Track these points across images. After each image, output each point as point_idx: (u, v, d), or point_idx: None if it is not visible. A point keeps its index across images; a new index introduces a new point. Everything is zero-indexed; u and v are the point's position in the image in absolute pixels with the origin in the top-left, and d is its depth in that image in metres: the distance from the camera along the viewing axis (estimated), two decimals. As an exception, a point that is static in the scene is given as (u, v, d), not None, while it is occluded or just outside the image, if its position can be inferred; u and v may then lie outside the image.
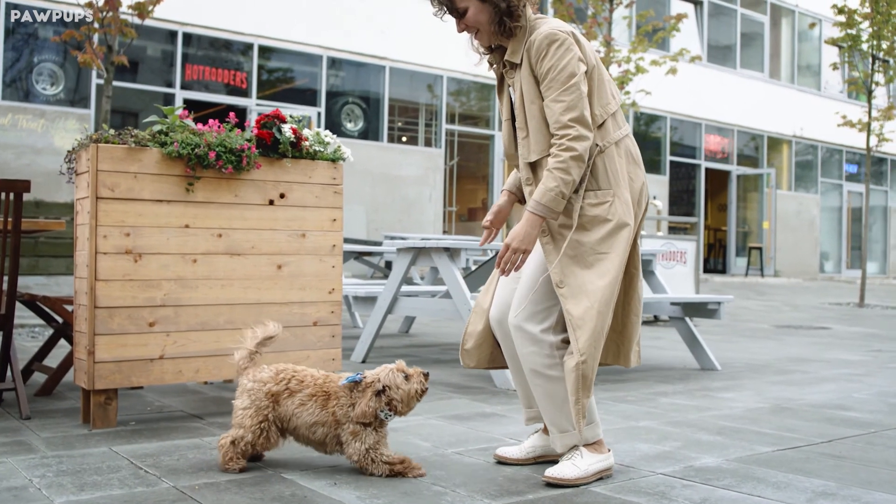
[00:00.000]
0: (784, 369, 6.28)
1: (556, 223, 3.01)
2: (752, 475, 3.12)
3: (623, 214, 3.00)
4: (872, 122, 16.76)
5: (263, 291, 4.10)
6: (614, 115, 3.08)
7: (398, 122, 17.30)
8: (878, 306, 15.82)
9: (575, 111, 2.91)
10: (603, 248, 2.97)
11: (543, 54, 2.95)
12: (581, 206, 2.98)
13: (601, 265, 2.96)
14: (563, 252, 2.97)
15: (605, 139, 3.03)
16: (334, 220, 4.33)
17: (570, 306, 2.92)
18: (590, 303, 2.92)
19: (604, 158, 3.02)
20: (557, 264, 2.97)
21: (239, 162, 3.96)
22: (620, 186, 3.03)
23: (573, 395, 2.91)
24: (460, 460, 3.29)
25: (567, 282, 2.95)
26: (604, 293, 2.94)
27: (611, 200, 3.00)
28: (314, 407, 3.04)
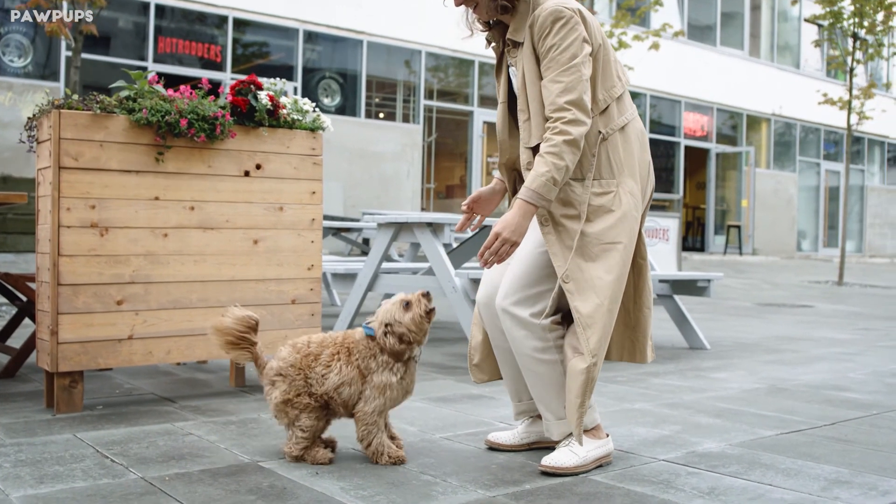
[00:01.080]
0: (774, 348, 6.14)
1: (558, 213, 2.79)
2: (759, 461, 2.95)
3: (628, 204, 2.81)
4: (853, 99, 16.67)
5: (239, 268, 3.88)
6: (620, 98, 2.87)
7: (376, 97, 17.02)
8: (857, 284, 15.81)
9: (572, 93, 2.70)
10: (608, 239, 2.77)
11: (546, 32, 2.74)
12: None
13: (607, 258, 2.76)
14: (565, 244, 2.77)
15: (608, 125, 2.82)
16: (313, 193, 4.11)
17: (578, 303, 2.72)
18: (599, 300, 2.73)
19: (607, 146, 2.82)
20: (561, 257, 2.76)
21: (212, 130, 3.72)
22: (624, 174, 2.83)
23: (578, 397, 2.72)
24: (450, 446, 3.10)
25: (573, 276, 2.74)
26: (612, 289, 2.75)
27: (614, 191, 2.80)
28: (338, 365, 2.84)
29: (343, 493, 2.51)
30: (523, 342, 2.80)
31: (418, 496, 2.50)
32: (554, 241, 2.79)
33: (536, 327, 2.78)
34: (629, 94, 2.94)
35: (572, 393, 2.71)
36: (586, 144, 2.80)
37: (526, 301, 2.80)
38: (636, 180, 2.87)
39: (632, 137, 2.87)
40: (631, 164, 2.85)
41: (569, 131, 2.68)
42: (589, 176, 2.80)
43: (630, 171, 2.84)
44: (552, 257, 2.78)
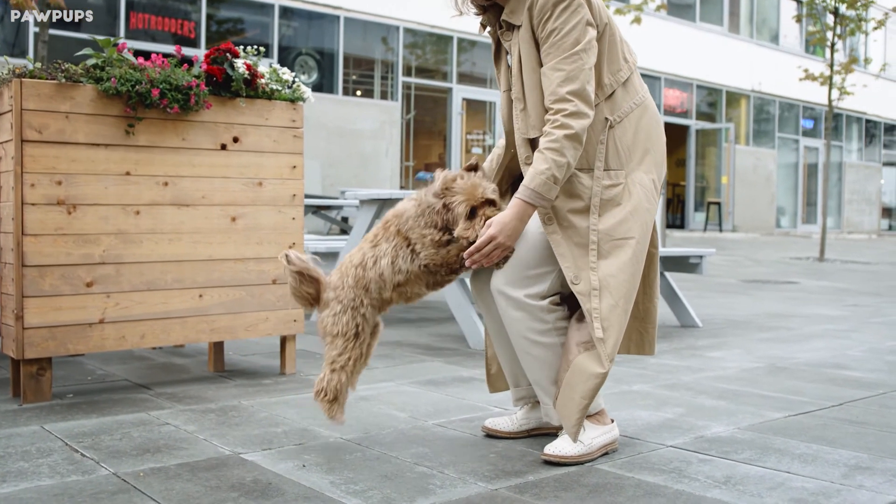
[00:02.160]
0: (766, 325, 6.00)
1: (565, 208, 2.58)
2: (772, 446, 2.79)
3: (638, 196, 2.61)
4: (834, 75, 16.56)
5: (216, 246, 3.67)
6: (627, 82, 2.66)
7: (353, 74, 16.73)
8: (838, 261, 15.76)
9: (574, 83, 2.49)
10: (619, 234, 2.58)
11: (547, 15, 2.51)
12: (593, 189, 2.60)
13: (619, 255, 2.57)
14: (573, 241, 2.57)
15: (615, 112, 2.62)
16: (294, 168, 3.90)
17: (595, 304, 2.54)
18: (614, 300, 2.55)
19: (615, 134, 2.61)
20: (570, 257, 2.57)
21: (186, 101, 3.50)
22: (633, 164, 2.63)
23: (585, 399, 2.54)
24: (444, 434, 2.91)
25: (582, 276, 2.56)
26: (626, 288, 2.57)
27: (623, 182, 2.60)
28: (387, 246, 2.67)
29: (333, 489, 2.32)
30: (520, 324, 2.62)
31: (415, 490, 2.32)
32: (560, 240, 2.58)
33: (534, 308, 2.60)
34: (639, 76, 2.74)
35: (578, 393, 2.53)
36: (592, 132, 2.60)
37: (523, 282, 2.61)
38: (648, 169, 2.66)
39: (642, 123, 2.67)
40: (642, 151, 2.65)
41: (570, 125, 2.48)
42: (599, 166, 2.59)
43: (640, 159, 2.65)
44: (559, 258, 2.57)
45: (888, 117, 29.69)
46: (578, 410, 2.54)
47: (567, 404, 2.56)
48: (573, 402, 2.54)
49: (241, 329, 3.75)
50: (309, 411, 3.19)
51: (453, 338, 5.14)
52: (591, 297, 2.53)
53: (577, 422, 2.55)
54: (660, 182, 2.72)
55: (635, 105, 2.66)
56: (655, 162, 2.69)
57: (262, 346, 4.68)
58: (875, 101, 27.16)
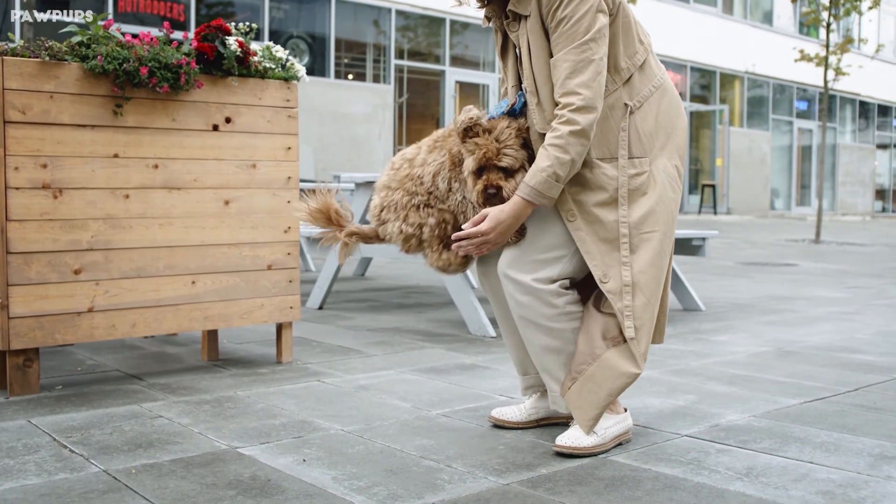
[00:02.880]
0: (770, 308, 5.90)
1: (590, 202, 2.45)
2: (791, 434, 2.68)
3: (663, 185, 2.49)
4: (830, 55, 16.43)
5: (209, 231, 3.54)
6: (644, 64, 2.52)
7: (345, 58, 16.55)
8: (834, 242, 15.69)
9: (584, 74, 2.35)
10: (646, 227, 2.46)
11: (557, 3, 2.37)
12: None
13: (647, 249, 2.46)
14: (600, 236, 2.45)
15: (634, 97, 2.49)
16: (289, 149, 3.76)
17: (627, 301, 2.43)
18: (645, 298, 2.45)
19: (636, 120, 2.48)
20: (598, 255, 2.44)
21: (176, 80, 3.36)
22: (655, 150, 2.50)
23: (611, 396, 2.45)
24: (449, 424, 2.80)
25: (612, 273, 2.44)
26: (657, 285, 2.47)
27: (647, 170, 2.48)
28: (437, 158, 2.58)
29: (336, 485, 2.21)
30: (528, 309, 2.50)
31: (422, 486, 2.20)
32: (585, 237, 2.45)
33: (543, 293, 2.47)
34: (655, 57, 2.60)
35: (604, 390, 2.43)
36: (612, 120, 2.47)
37: (531, 266, 2.49)
38: (671, 155, 2.54)
39: (662, 106, 2.54)
40: (664, 136, 2.53)
41: (576, 120, 2.35)
42: (622, 154, 2.46)
43: (662, 144, 2.52)
44: (585, 256, 2.45)
45: (882, 98, 29.60)
46: (599, 406, 2.43)
47: (587, 397, 2.44)
48: (595, 397, 2.43)
49: (235, 317, 3.62)
50: (308, 402, 3.07)
51: (453, 323, 5.02)
52: (622, 294, 2.42)
53: (595, 417, 2.45)
54: (683, 167, 2.60)
55: (654, 88, 2.53)
56: (677, 146, 2.57)
57: (258, 333, 4.55)
58: (869, 83, 27.05)
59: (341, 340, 4.41)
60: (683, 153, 2.60)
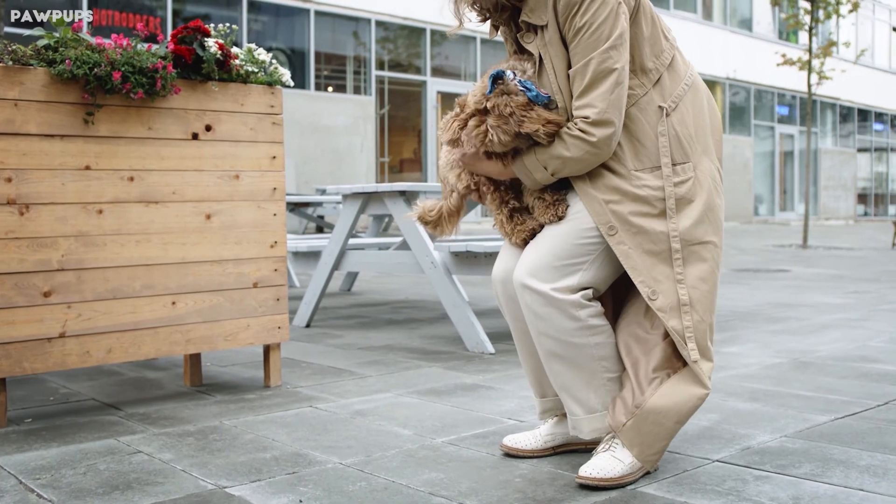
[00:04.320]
0: (774, 316, 5.70)
1: (631, 213, 2.23)
2: (831, 457, 2.46)
3: (710, 190, 2.29)
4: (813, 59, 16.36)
5: (189, 247, 3.29)
6: (672, 62, 2.31)
7: (325, 70, 16.32)
8: (821, 247, 15.58)
9: (602, 85, 2.16)
10: (696, 237, 2.25)
11: (575, 9, 2.15)
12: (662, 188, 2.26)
13: (698, 262, 2.26)
14: (645, 248, 2.24)
15: (668, 98, 2.27)
16: (274, 158, 3.52)
17: (687, 321, 2.23)
18: (699, 316, 2.25)
19: (673, 123, 2.26)
20: (644, 270, 2.23)
21: (152, 85, 3.12)
22: (697, 153, 2.29)
23: (679, 424, 2.28)
24: (457, 454, 2.55)
25: (661, 290, 2.23)
26: (710, 301, 2.28)
27: (692, 176, 2.27)
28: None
29: (338, 529, 1.96)
30: (546, 323, 2.27)
31: (435, 529, 1.96)
32: (630, 251, 2.23)
33: (563, 304, 2.25)
34: (681, 53, 2.39)
35: (671, 420, 2.24)
36: (649, 126, 2.25)
37: (551, 273, 2.26)
38: (712, 157, 2.34)
39: (697, 104, 2.33)
40: (703, 136, 2.32)
41: (590, 132, 2.17)
42: (665, 163, 2.24)
43: (703, 146, 2.32)
44: (631, 272, 2.24)
45: (862, 103, 29.66)
46: (666, 437, 2.24)
47: (650, 430, 2.23)
48: (660, 429, 2.22)
49: (219, 339, 3.37)
50: (301, 431, 2.83)
51: (448, 340, 4.78)
52: (680, 314, 2.21)
53: (661, 450, 2.26)
54: (721, 169, 2.38)
55: (686, 87, 2.32)
56: (717, 146, 2.37)
57: (243, 354, 4.30)
58: (848, 87, 27.09)
59: (332, 361, 4.16)
60: (721, 153, 2.39)
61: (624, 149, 2.25)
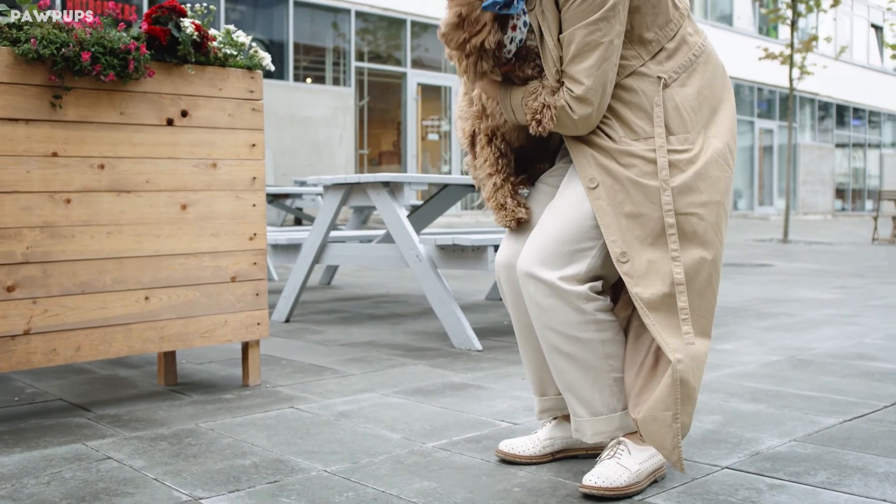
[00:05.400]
0: (764, 312, 5.58)
1: (611, 165, 2.09)
2: (846, 463, 2.33)
3: (707, 161, 2.12)
4: (795, 53, 16.32)
5: (164, 240, 3.11)
6: (679, 33, 2.15)
7: (304, 61, 16.09)
8: (802, 242, 15.57)
9: (588, 59, 2.02)
10: (681, 208, 2.08)
11: None
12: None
13: (696, 229, 2.09)
14: (624, 210, 2.09)
15: (669, 69, 2.12)
16: (253, 146, 3.35)
17: (683, 303, 2.07)
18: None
19: (673, 94, 2.11)
20: (617, 228, 2.08)
21: (124, 67, 2.93)
22: (698, 125, 2.13)
23: (668, 409, 2.07)
24: (450, 461, 2.40)
25: (633, 254, 2.08)
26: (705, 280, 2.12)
27: (689, 149, 2.10)
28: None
29: (325, 547, 1.80)
30: (552, 316, 2.11)
31: (431, 546, 1.81)
32: (607, 207, 2.09)
33: (570, 295, 2.09)
34: (693, 22, 2.23)
35: (660, 406, 2.06)
36: (644, 97, 2.10)
37: (557, 260, 2.11)
38: (718, 132, 2.16)
39: (706, 77, 2.16)
40: (709, 111, 2.16)
41: (573, 108, 2.06)
42: (659, 133, 2.08)
43: (707, 120, 2.15)
44: (604, 230, 2.09)
45: (840, 98, 29.75)
46: (670, 426, 2.07)
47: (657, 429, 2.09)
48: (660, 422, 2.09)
49: (195, 336, 3.20)
50: (282, 434, 2.66)
51: (433, 336, 4.62)
52: (676, 294, 2.06)
53: (673, 448, 2.09)
54: (734, 145, 2.23)
55: (694, 57, 2.16)
56: (726, 122, 2.19)
57: (221, 351, 4.12)
58: (827, 83, 27.14)
59: (313, 358, 3.99)
60: (733, 129, 2.22)
61: (617, 118, 2.11)
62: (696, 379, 2.09)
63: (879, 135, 32.75)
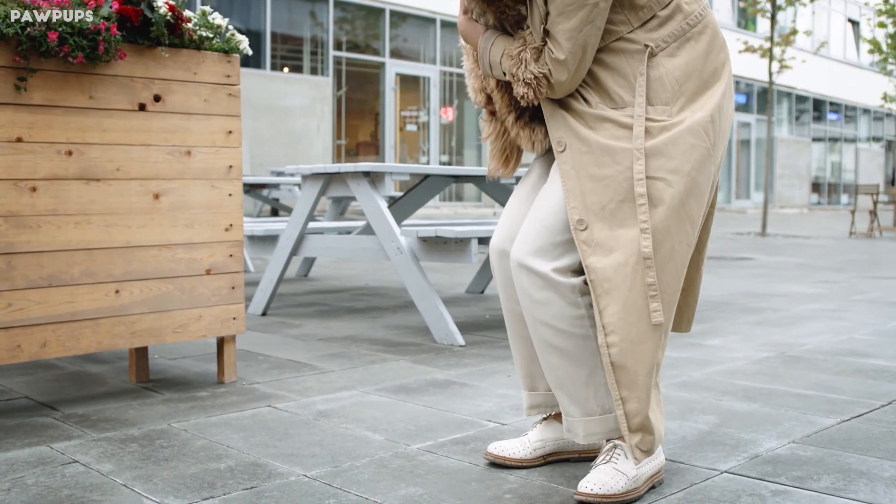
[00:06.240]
0: (750, 307, 5.51)
1: (581, 127, 1.99)
2: (849, 467, 2.23)
3: (684, 129, 1.98)
4: (774, 47, 16.31)
5: (135, 230, 2.97)
6: (673, 2, 2.01)
7: (281, 49, 15.88)
8: (780, 235, 15.60)
9: (571, 20, 1.91)
10: (664, 165, 1.96)
11: None
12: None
13: (662, 195, 1.96)
14: (587, 172, 1.97)
15: (657, 37, 2.00)
16: (230, 133, 3.21)
17: (651, 278, 1.95)
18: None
19: (659, 63, 1.98)
20: (580, 194, 1.97)
21: (93, 49, 2.79)
22: (683, 97, 1.99)
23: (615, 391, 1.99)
24: (436, 464, 2.28)
25: (591, 222, 1.97)
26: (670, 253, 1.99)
27: (667, 120, 1.98)
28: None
29: (306, 561, 1.68)
30: (545, 309, 2.00)
31: (420, 559, 1.69)
32: (571, 171, 1.99)
33: (565, 288, 1.98)
34: None
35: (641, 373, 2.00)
36: (628, 65, 1.98)
37: (551, 251, 2.00)
38: (703, 105, 2.01)
39: (698, 48, 2.03)
40: (698, 83, 2.01)
41: (552, 73, 1.96)
42: (639, 102, 1.96)
43: (694, 93, 2.00)
44: (566, 195, 1.98)
45: (817, 92, 29.85)
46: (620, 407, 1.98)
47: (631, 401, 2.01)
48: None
49: (168, 331, 3.06)
50: (259, 435, 2.53)
51: (414, 330, 4.50)
52: (646, 268, 1.94)
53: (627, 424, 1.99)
54: (725, 121, 2.08)
55: (688, 26, 2.03)
56: (715, 97, 2.03)
57: (195, 346, 3.99)
58: (804, 77, 27.20)
59: (291, 353, 3.86)
60: (723, 107, 2.06)
61: (597, 84, 2.00)
62: (639, 362, 1.97)
63: (855, 129, 32.91)
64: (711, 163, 2.02)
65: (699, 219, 2.03)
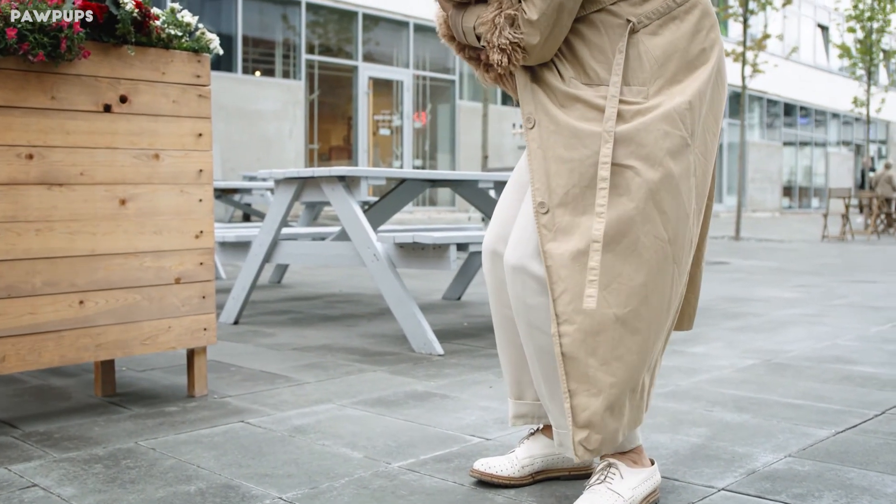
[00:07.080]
0: (730, 312, 5.44)
1: (550, 104, 1.88)
2: (850, 482, 2.14)
3: (671, 109, 1.84)
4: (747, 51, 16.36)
5: (101, 238, 2.83)
6: None
7: (253, 53, 15.71)
8: (753, 239, 15.65)
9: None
10: (635, 152, 1.84)
11: None
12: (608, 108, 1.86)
13: (630, 184, 1.84)
14: (555, 153, 1.86)
15: (638, 13, 1.88)
16: (200, 136, 3.08)
17: (594, 263, 1.82)
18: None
19: (640, 41, 1.86)
20: (544, 176, 1.87)
21: (55, 47, 2.65)
22: (661, 78, 1.86)
23: (564, 384, 1.87)
24: (419, 484, 2.17)
25: (552, 205, 1.87)
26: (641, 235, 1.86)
27: (641, 102, 1.85)
28: None
29: None
30: (539, 314, 1.89)
31: (405, 592, 1.58)
32: (537, 150, 1.89)
33: None
34: None
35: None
36: (608, 39, 1.87)
37: None
38: (684, 90, 1.87)
39: (684, 28, 1.90)
40: (680, 64, 1.88)
41: (522, 35, 1.85)
42: (615, 81, 1.84)
43: (674, 75, 1.86)
44: (531, 175, 1.89)
45: (788, 97, 30.06)
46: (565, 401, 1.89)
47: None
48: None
49: (136, 343, 2.93)
50: (231, 454, 2.41)
51: (391, 339, 4.39)
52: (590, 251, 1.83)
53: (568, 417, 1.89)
54: (705, 108, 1.92)
55: (675, 4, 1.89)
56: (698, 84, 1.89)
57: (163, 358, 3.85)
58: (775, 81, 27.37)
59: (264, 364, 3.73)
60: (705, 94, 1.91)
61: (573, 56, 1.89)
62: (592, 354, 1.83)
63: (825, 133, 33.18)
64: (689, 152, 1.89)
65: (675, 211, 1.88)
